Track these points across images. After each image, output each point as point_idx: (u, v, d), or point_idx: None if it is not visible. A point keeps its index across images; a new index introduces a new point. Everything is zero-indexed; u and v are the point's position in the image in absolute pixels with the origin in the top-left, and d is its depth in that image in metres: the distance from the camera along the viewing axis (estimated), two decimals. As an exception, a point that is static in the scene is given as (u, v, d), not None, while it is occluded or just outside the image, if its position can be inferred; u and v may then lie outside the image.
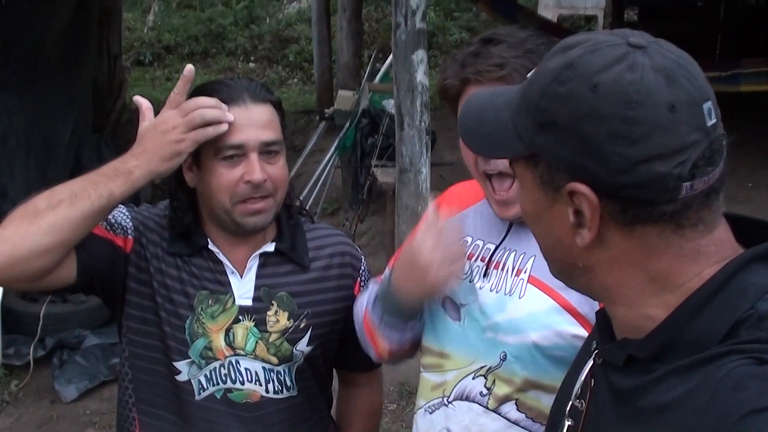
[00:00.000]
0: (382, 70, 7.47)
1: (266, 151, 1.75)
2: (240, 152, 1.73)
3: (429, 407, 1.76)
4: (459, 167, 1.75)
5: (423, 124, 5.11)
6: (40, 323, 5.17)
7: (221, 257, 1.84)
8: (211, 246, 1.83)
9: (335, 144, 7.10)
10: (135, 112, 1.76)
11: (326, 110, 7.65)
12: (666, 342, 0.96)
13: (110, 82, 8.79)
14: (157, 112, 1.75)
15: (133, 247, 1.83)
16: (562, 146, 0.95)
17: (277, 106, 1.83)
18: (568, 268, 1.05)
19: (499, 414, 1.65)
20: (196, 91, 1.80)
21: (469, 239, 1.78)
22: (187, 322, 1.82)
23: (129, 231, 1.84)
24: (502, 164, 1.57)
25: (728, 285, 0.94)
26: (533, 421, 1.61)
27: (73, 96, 7.20)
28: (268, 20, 15.36)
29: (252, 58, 14.36)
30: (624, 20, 12.81)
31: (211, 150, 1.74)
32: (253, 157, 1.73)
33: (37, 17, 6.52)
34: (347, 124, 6.94)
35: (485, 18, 11.46)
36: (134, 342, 1.88)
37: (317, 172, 7.14)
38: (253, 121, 1.74)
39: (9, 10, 5.76)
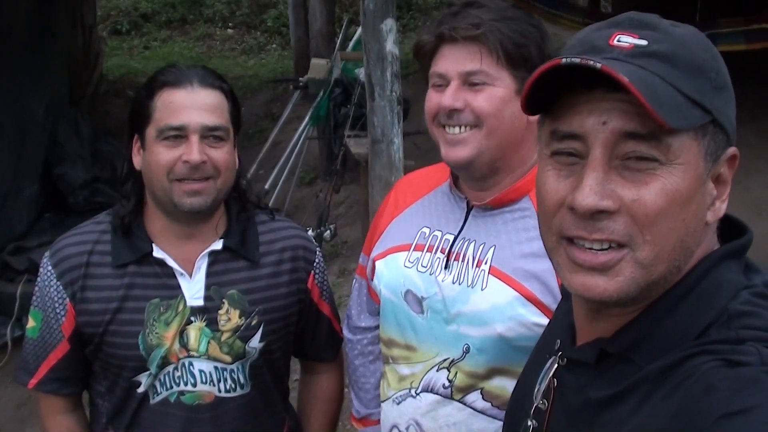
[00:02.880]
0: (354, 38, 7.40)
1: (210, 135, 1.75)
2: (181, 133, 1.73)
3: (396, 398, 1.78)
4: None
5: (394, 94, 5.04)
6: (17, 303, 5.19)
7: (169, 262, 1.83)
8: (155, 253, 1.82)
9: (309, 114, 7.06)
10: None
11: (300, 79, 7.57)
12: (638, 337, 0.97)
13: (86, 54, 8.67)
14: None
15: (73, 303, 1.84)
16: (730, 107, 0.96)
17: (228, 95, 1.82)
18: (684, 258, 0.95)
19: (464, 404, 1.67)
20: (152, 76, 1.81)
21: (427, 230, 1.78)
22: (140, 337, 1.81)
23: (65, 300, 1.84)
24: (463, 102, 1.61)
25: (703, 282, 0.95)
26: (499, 409, 1.63)
27: (47, 72, 7.13)
28: (245, -15, 15.16)
29: (230, 24, 14.21)
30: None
31: (154, 131, 1.74)
32: (194, 139, 1.73)
33: (4, -6, 6.43)
34: (321, 93, 6.90)
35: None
36: (94, 365, 1.90)
37: (292, 142, 7.11)
38: (196, 104, 1.74)
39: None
